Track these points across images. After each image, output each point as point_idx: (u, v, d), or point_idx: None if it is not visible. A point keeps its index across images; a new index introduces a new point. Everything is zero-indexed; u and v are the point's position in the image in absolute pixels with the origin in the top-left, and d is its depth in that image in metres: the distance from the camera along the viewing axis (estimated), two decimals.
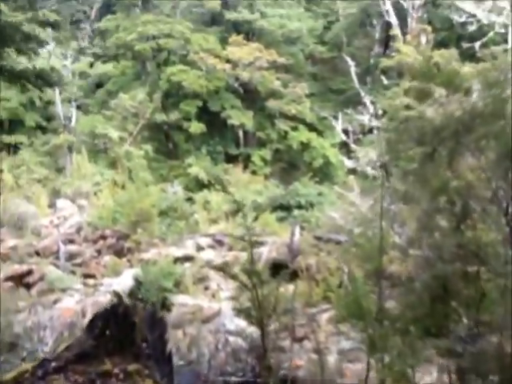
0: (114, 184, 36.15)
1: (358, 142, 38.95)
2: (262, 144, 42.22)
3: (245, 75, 41.24)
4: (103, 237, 29.25)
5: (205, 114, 41.80)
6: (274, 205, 33.57)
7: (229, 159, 41.69)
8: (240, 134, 42.31)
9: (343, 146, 41.03)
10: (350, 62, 41.89)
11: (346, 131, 40.33)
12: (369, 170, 31.10)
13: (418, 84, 12.36)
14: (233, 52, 41.46)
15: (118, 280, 24.52)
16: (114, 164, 39.08)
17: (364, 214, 18.38)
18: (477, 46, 38.12)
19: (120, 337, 9.96)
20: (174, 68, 42.06)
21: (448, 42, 40.33)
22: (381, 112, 36.91)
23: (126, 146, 39.54)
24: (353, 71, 41.72)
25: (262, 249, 25.15)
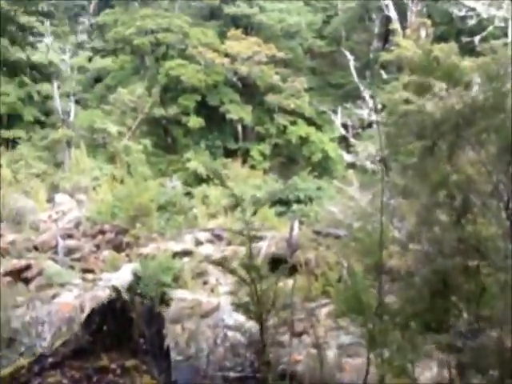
0: (113, 179, 36.03)
1: (357, 137, 38.92)
2: (261, 138, 42.18)
3: (243, 69, 41.16)
4: (102, 231, 29.17)
5: (203, 109, 41.74)
6: (273, 199, 33.51)
7: (228, 154, 41.64)
8: (239, 128, 42.26)
9: (342, 140, 41.01)
10: (349, 56, 41.80)
11: (345, 125, 40.30)
12: (368, 165, 31.08)
13: (418, 78, 12.29)
14: (231, 46, 41.39)
15: (117, 275, 24.45)
16: (112, 159, 39.00)
17: (363, 208, 18.34)
18: (476, 40, 38.05)
19: (117, 332, 9.90)
20: (173, 62, 41.98)
21: (447, 36, 40.22)
22: (380, 106, 36.85)
23: (124, 141, 39.48)
24: (352, 65, 41.65)
25: (261, 243, 25.08)
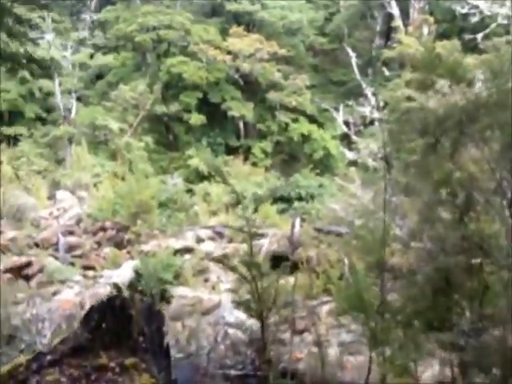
0: (114, 176, 36.00)
1: (359, 134, 38.81)
2: (263, 136, 42.10)
3: (245, 67, 41.08)
4: (103, 228, 29.15)
5: (205, 106, 41.66)
6: (275, 197, 33.47)
7: (229, 151, 41.57)
8: (240, 125, 42.19)
9: (344, 137, 40.91)
10: (351, 53, 41.71)
11: (347, 123, 40.20)
12: (370, 162, 30.98)
13: (421, 74, 12.20)
14: (233, 43, 41.30)
15: (118, 272, 24.45)
16: (114, 156, 38.96)
17: (365, 205, 18.25)
18: (479, 37, 37.90)
19: (116, 330, 9.79)
20: (175, 59, 41.91)
21: (450, 33, 40.06)
22: (382, 104, 36.74)
23: (126, 138, 39.42)
24: (354, 62, 41.56)
25: (263, 241, 25.03)
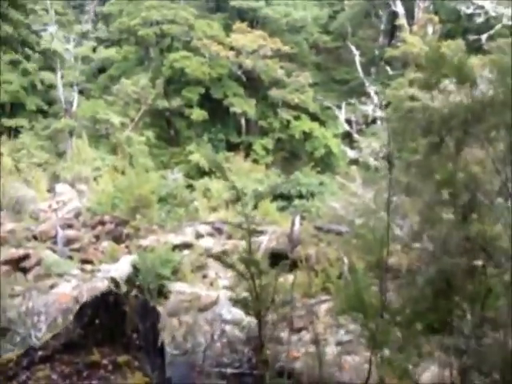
0: (115, 169, 35.85)
1: (360, 133, 38.71)
2: (264, 133, 41.98)
3: (248, 63, 40.93)
4: (102, 222, 28.98)
5: (207, 101, 41.54)
6: (275, 194, 33.34)
7: (230, 147, 41.44)
8: (242, 122, 42.05)
9: (346, 136, 40.81)
10: (354, 51, 41.61)
11: (349, 121, 40.09)
12: (371, 161, 30.87)
13: (425, 73, 12.06)
14: (237, 39, 41.16)
15: (116, 266, 24.29)
16: (114, 149, 38.83)
17: (366, 204, 18.12)
18: (483, 38, 37.74)
19: (110, 326, 9.66)
20: (177, 54, 41.76)
21: (454, 34, 39.93)
22: (385, 102, 36.61)
23: (127, 132, 39.30)
24: (357, 61, 41.42)
25: (262, 238, 24.91)
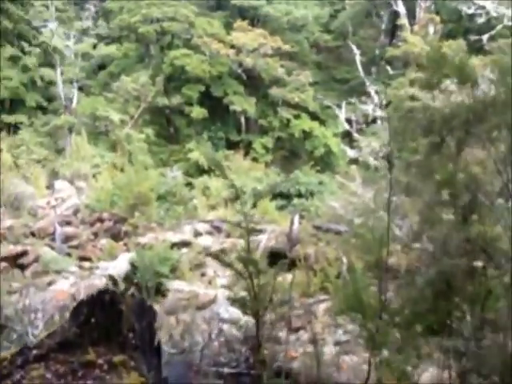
0: (114, 167, 35.79)
1: (360, 132, 38.64)
2: (264, 131, 41.90)
3: (248, 61, 40.84)
4: (100, 219, 28.94)
5: (207, 99, 41.44)
6: (274, 193, 33.27)
7: (230, 145, 41.35)
8: (242, 120, 41.96)
9: (346, 135, 40.73)
10: (355, 50, 41.50)
11: (349, 121, 40.02)
12: (371, 160, 30.81)
13: (426, 73, 12.00)
14: (237, 37, 41.06)
15: (114, 264, 24.24)
16: (114, 147, 38.73)
17: (365, 204, 18.07)
18: (485, 38, 37.65)
19: (106, 325, 9.56)
20: (178, 52, 41.66)
21: (455, 34, 39.85)
22: (385, 102, 36.54)
23: (126, 129, 39.19)
24: (358, 60, 41.34)
25: (261, 237, 24.86)
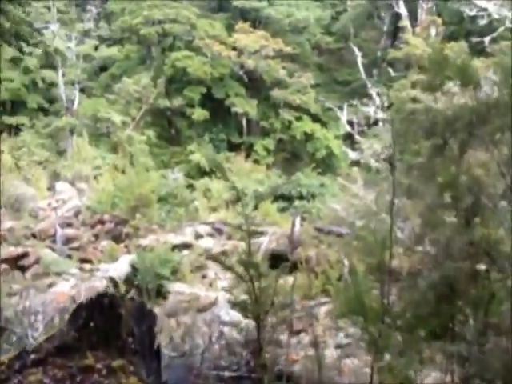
0: (115, 168, 35.75)
1: (362, 134, 38.56)
2: (266, 133, 41.85)
3: (250, 63, 40.81)
4: (101, 221, 28.89)
5: (208, 101, 41.41)
6: (276, 195, 33.22)
7: (231, 147, 41.30)
8: (243, 122, 41.92)
9: (347, 137, 40.67)
10: (357, 52, 41.46)
11: (350, 122, 39.96)
12: (373, 163, 30.74)
13: (429, 75, 11.94)
14: (239, 39, 41.03)
15: (115, 266, 24.20)
16: (115, 148, 38.72)
17: (367, 206, 17.98)
18: (486, 40, 37.57)
19: (105, 329, 9.46)
20: (179, 54, 41.65)
21: (457, 36, 39.76)
22: (386, 104, 36.47)
23: (128, 131, 39.17)
24: (359, 62, 41.29)
25: (262, 239, 24.79)
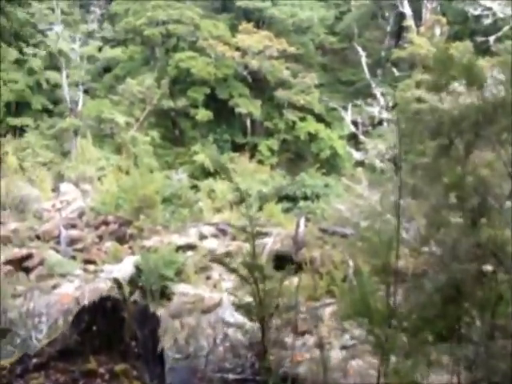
0: (119, 169, 35.71)
1: (366, 134, 38.47)
2: (270, 134, 41.76)
3: (254, 64, 40.73)
4: (105, 222, 28.86)
5: (212, 102, 41.34)
6: (280, 195, 33.15)
7: (235, 148, 41.22)
8: (247, 122, 41.84)
9: (352, 137, 40.58)
10: (361, 52, 41.36)
11: (355, 123, 39.86)
12: (377, 163, 30.66)
13: (434, 75, 11.87)
14: (242, 40, 40.95)
15: (119, 267, 24.17)
16: (119, 149, 38.67)
17: (372, 207, 17.91)
18: (491, 40, 37.45)
19: (107, 333, 9.35)
20: (183, 54, 41.59)
21: (461, 35, 39.63)
22: (391, 104, 36.38)
23: (132, 132, 39.12)
24: (364, 62, 41.20)
25: (266, 239, 24.73)
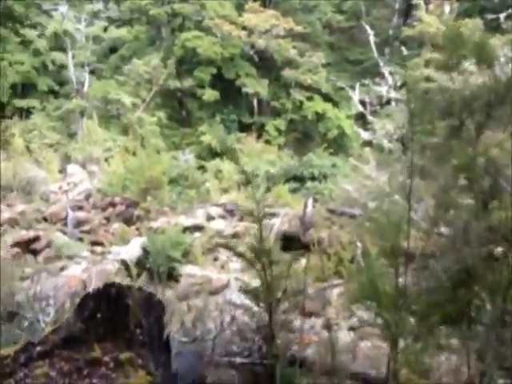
0: (126, 150, 35.60)
1: (374, 114, 38.19)
2: (277, 113, 41.55)
3: (261, 43, 40.44)
4: (112, 204, 28.78)
5: (219, 82, 41.10)
6: (288, 176, 32.98)
7: (242, 128, 41.04)
8: (254, 102, 41.62)
9: (359, 117, 40.30)
10: (368, 30, 40.99)
11: (362, 102, 39.57)
12: (385, 143, 30.43)
13: (444, 53, 11.63)
14: (249, 19, 40.62)
15: (126, 248, 24.10)
16: (126, 130, 38.55)
17: (380, 187, 17.72)
18: (502, 17, 37.01)
19: (112, 320, 9.27)
20: (189, 34, 41.32)
21: (471, 13, 39.17)
22: (399, 83, 36.07)
23: (138, 113, 38.98)
24: (371, 40, 40.83)
25: (274, 220, 24.61)
